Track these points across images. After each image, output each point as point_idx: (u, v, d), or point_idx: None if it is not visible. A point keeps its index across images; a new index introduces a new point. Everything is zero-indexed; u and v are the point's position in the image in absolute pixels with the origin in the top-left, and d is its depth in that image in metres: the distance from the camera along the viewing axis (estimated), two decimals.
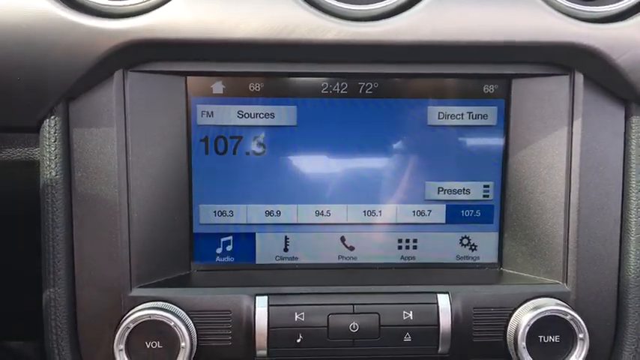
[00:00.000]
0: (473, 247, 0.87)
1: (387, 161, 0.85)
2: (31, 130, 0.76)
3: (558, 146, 0.81)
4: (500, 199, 0.86)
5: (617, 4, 0.78)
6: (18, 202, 0.80)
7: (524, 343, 0.78)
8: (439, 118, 0.83)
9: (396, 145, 0.85)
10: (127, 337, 0.75)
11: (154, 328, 0.75)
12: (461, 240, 0.87)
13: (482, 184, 0.86)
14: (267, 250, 0.86)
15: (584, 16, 0.76)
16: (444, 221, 0.87)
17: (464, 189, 0.86)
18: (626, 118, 0.80)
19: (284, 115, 0.82)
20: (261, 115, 0.81)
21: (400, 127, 0.84)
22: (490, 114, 0.83)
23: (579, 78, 0.79)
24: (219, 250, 0.86)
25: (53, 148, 0.74)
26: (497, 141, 0.84)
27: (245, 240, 0.86)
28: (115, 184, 0.76)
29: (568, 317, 0.78)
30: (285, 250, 0.86)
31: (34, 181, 0.78)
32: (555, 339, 0.79)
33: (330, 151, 0.84)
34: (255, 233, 0.86)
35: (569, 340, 0.79)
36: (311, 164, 0.85)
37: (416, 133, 0.85)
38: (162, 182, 0.81)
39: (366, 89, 0.82)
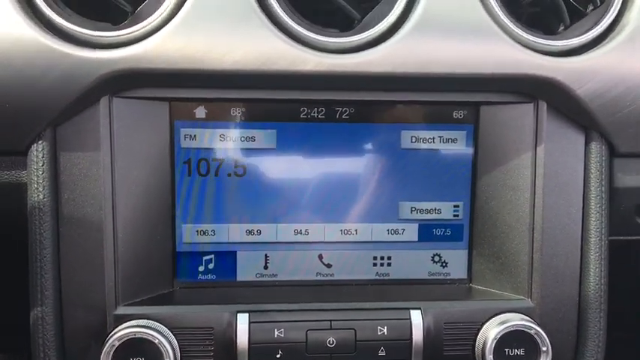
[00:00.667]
0: (444, 264, 0.91)
1: (363, 182, 0.88)
2: (19, 153, 0.78)
3: (523, 169, 0.85)
4: (470, 218, 0.90)
5: (577, 38, 0.81)
6: (4, 223, 0.80)
7: (491, 356, 0.82)
8: (412, 142, 0.87)
9: (371, 167, 0.88)
10: (113, 354, 0.77)
11: (138, 346, 0.77)
12: (432, 257, 0.91)
13: (453, 204, 0.89)
14: (247, 268, 0.88)
15: (547, 49, 0.80)
16: (416, 239, 0.90)
17: (435, 209, 0.89)
18: (586, 144, 0.84)
19: (264, 138, 0.85)
20: (242, 139, 0.84)
21: (375, 150, 0.88)
22: (460, 138, 0.87)
23: (543, 106, 0.83)
24: (201, 268, 0.88)
25: (41, 172, 0.76)
26: (467, 163, 0.88)
27: (226, 258, 0.88)
28: (101, 206, 0.78)
29: (532, 332, 0.81)
30: (265, 267, 0.89)
31: (22, 203, 0.79)
32: (520, 352, 0.82)
33: (308, 173, 0.87)
34: (236, 252, 0.88)
35: (533, 353, 0.83)
36: (290, 185, 0.87)
37: (390, 156, 0.88)
38: (147, 203, 0.83)
39: (342, 114, 0.85)
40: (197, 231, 0.87)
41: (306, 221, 0.89)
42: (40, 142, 0.76)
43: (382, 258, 0.90)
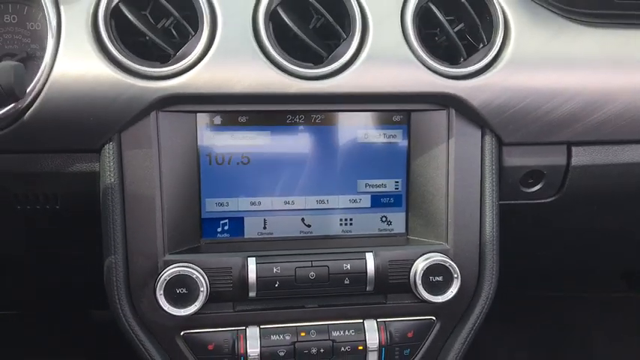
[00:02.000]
0: (389, 223, 1.06)
1: (332, 167, 1.02)
2: (94, 151, 0.94)
3: (441, 155, 1.00)
4: (406, 190, 1.04)
5: (472, 66, 0.97)
6: (81, 200, 0.97)
7: (420, 281, 0.99)
8: (365, 138, 1.02)
9: (337, 156, 1.02)
10: (165, 286, 0.93)
11: (182, 280, 0.93)
12: (381, 218, 1.05)
13: (394, 180, 1.04)
14: (252, 229, 1.03)
15: (452, 75, 0.96)
16: (369, 206, 1.04)
17: (382, 184, 1.04)
18: (482, 137, 1.00)
19: (262, 138, 1.00)
20: (247, 138, 0.99)
21: (339, 144, 1.02)
22: (398, 134, 1.02)
23: (452, 112, 0.98)
24: (219, 229, 1.03)
25: (111, 164, 0.92)
26: (403, 152, 1.03)
27: (237, 222, 1.02)
28: (153, 187, 0.93)
29: (447, 264, 0.99)
30: (264, 228, 1.03)
31: (95, 185, 0.95)
32: (440, 278, 0.99)
33: (294, 161, 1.01)
34: (243, 217, 1.02)
35: (449, 279, 1.00)
36: (281, 169, 1.01)
37: (350, 148, 1.02)
38: (182, 184, 0.97)
39: (316, 119, 1.00)
40: (216, 203, 1.01)
41: (292, 195, 1.02)
42: (110, 143, 0.92)
43: (346, 219, 1.05)
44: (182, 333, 1.00)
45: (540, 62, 0.99)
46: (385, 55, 0.95)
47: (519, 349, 1.84)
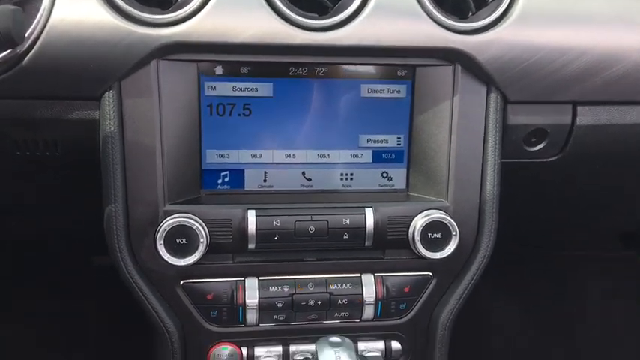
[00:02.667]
0: (390, 179, 1.06)
1: (334, 121, 1.01)
2: (94, 99, 0.93)
3: (444, 111, 0.99)
4: (408, 146, 1.04)
5: (480, 21, 0.95)
6: (80, 148, 0.97)
7: (418, 238, 1.00)
8: (368, 92, 1.01)
9: (340, 110, 1.01)
10: (164, 236, 0.94)
11: (182, 231, 0.94)
12: (382, 174, 1.05)
13: (396, 136, 1.04)
14: (252, 181, 1.03)
15: (459, 29, 0.95)
16: (371, 161, 1.04)
17: (384, 140, 1.03)
18: (487, 94, 0.99)
19: (264, 89, 0.99)
20: (248, 89, 0.98)
21: (342, 98, 1.01)
22: (402, 90, 1.01)
23: (458, 68, 0.97)
24: (219, 181, 1.03)
25: (112, 112, 0.92)
26: (406, 108, 1.02)
27: (237, 174, 1.02)
28: (153, 136, 0.93)
29: (447, 222, 1.00)
30: (265, 181, 1.03)
31: (95, 134, 0.94)
32: (438, 235, 1.00)
33: (296, 114, 1.00)
34: (244, 170, 1.02)
35: (447, 236, 1.01)
36: (282, 122, 1.00)
37: (353, 102, 1.01)
38: (183, 134, 0.97)
39: (319, 72, 0.99)
40: (216, 155, 1.01)
41: (293, 148, 1.02)
42: (110, 91, 0.91)
43: (347, 174, 1.05)
44: (182, 282, 1.03)
45: (550, 18, 0.98)
46: (392, 8, 0.94)
47: (513, 304, 1.88)
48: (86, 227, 1.10)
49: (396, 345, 1.11)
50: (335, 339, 0.96)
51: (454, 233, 1.01)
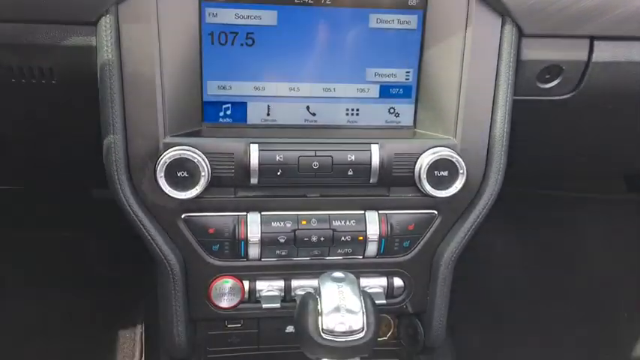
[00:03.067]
0: (397, 115, 1.04)
1: (340, 52, 0.98)
2: (91, 24, 0.90)
3: (457, 44, 0.96)
4: (417, 81, 1.01)
5: None
6: (77, 77, 0.95)
7: (424, 175, 0.98)
8: (377, 23, 0.98)
9: (346, 41, 0.98)
10: (165, 169, 0.93)
11: (183, 163, 0.93)
12: (389, 109, 1.03)
13: (405, 70, 1.01)
14: (255, 115, 1.01)
15: None
16: (377, 96, 1.02)
17: (392, 74, 1.01)
18: (502, 26, 0.96)
19: (268, 17, 0.96)
20: (252, 17, 0.95)
21: (349, 28, 0.97)
22: (413, 21, 0.98)
23: None
24: (221, 114, 1.01)
25: (109, 37, 0.89)
26: (417, 40, 0.99)
27: (239, 107, 1.00)
28: (152, 65, 0.90)
29: (454, 159, 0.98)
30: (268, 114, 1.01)
31: (91, 61, 0.91)
32: (445, 173, 0.99)
33: (301, 44, 0.98)
34: (246, 102, 1.01)
35: (453, 174, 0.99)
36: (286, 53, 0.97)
37: (360, 33, 0.98)
38: (183, 63, 0.94)
39: (326, 0, 0.96)
40: (218, 86, 0.98)
41: (298, 81, 1.00)
42: (107, 16, 0.88)
43: (352, 109, 1.03)
44: (183, 216, 1.03)
45: None
46: None
47: (514, 243, 1.89)
48: (87, 159, 1.07)
49: (398, 282, 1.12)
50: (338, 274, 0.96)
51: (461, 172, 0.99)
